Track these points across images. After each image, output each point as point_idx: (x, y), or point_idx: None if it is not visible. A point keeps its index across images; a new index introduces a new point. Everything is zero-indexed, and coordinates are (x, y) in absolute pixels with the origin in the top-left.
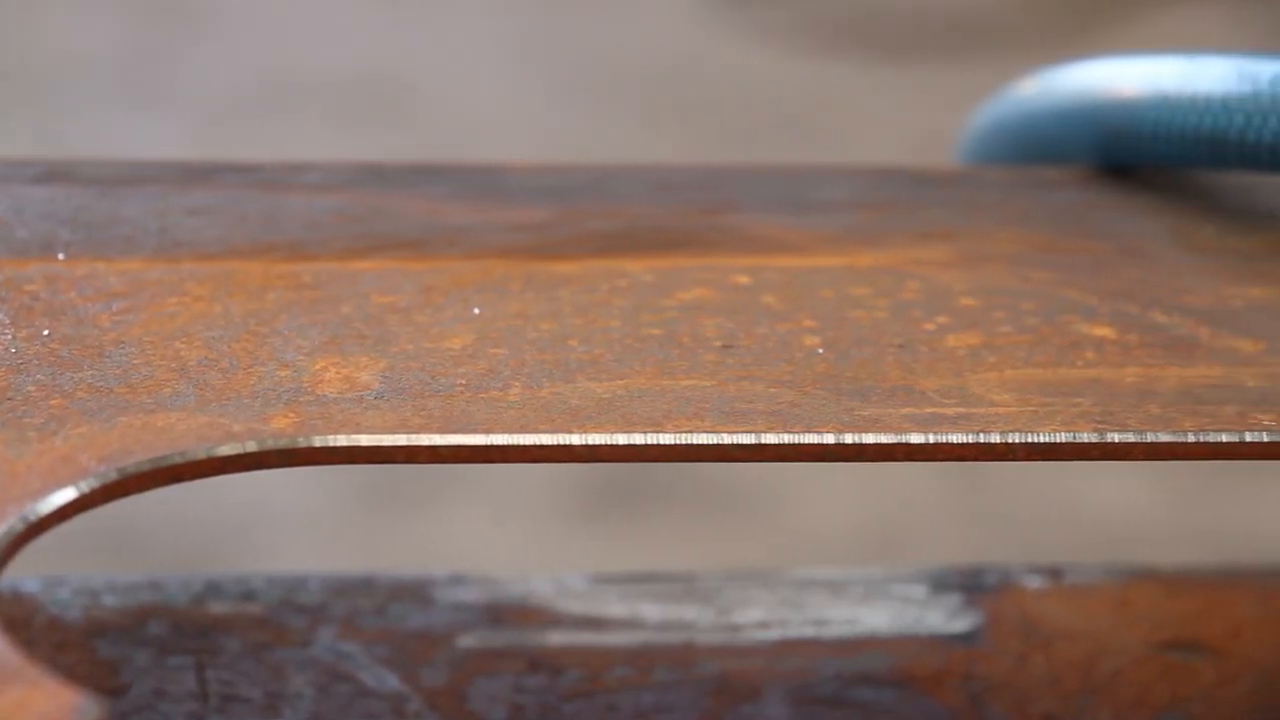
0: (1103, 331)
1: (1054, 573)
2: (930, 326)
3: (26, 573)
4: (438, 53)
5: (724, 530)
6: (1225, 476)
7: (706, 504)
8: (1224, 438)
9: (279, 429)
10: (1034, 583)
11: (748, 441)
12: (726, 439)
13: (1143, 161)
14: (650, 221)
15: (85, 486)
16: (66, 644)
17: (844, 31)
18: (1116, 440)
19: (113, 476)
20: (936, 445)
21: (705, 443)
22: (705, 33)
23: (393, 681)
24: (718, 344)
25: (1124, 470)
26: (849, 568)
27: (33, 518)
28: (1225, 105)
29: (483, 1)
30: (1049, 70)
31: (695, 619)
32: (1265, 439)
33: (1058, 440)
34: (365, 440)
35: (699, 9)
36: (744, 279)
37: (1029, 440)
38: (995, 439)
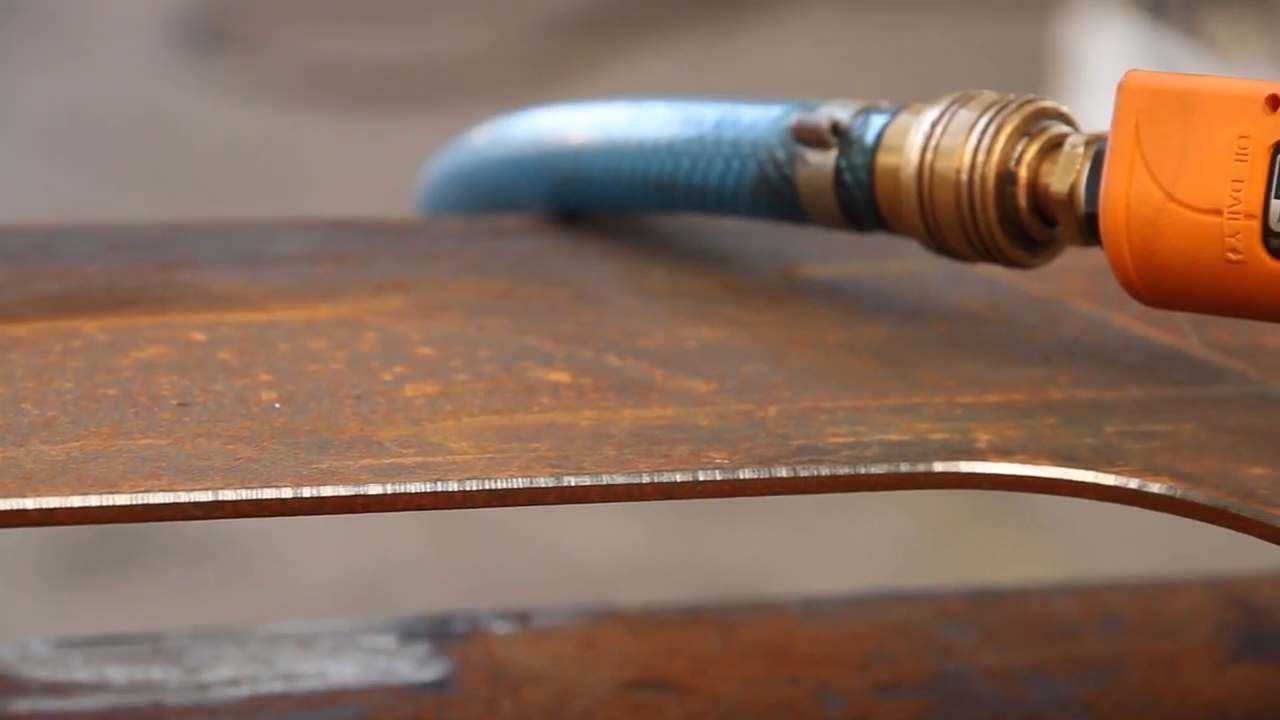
0: (558, 376)
1: (521, 617)
2: (388, 377)
3: None
4: None
5: (214, 586)
6: (703, 512)
7: (195, 560)
8: (678, 477)
9: None
10: (502, 628)
11: (205, 499)
12: (184, 497)
13: (594, 207)
14: (104, 281)
15: None
16: None
17: (312, 83)
18: (573, 484)
19: None
20: (395, 495)
21: (163, 502)
22: (173, 86)
23: None
24: (174, 402)
25: (612, 508)
26: (318, 621)
27: None
28: (672, 149)
29: None
30: (500, 119)
31: (163, 679)
32: (718, 477)
33: (515, 486)
34: None
35: (166, 62)
36: (200, 335)
37: (487, 487)
38: (453, 487)
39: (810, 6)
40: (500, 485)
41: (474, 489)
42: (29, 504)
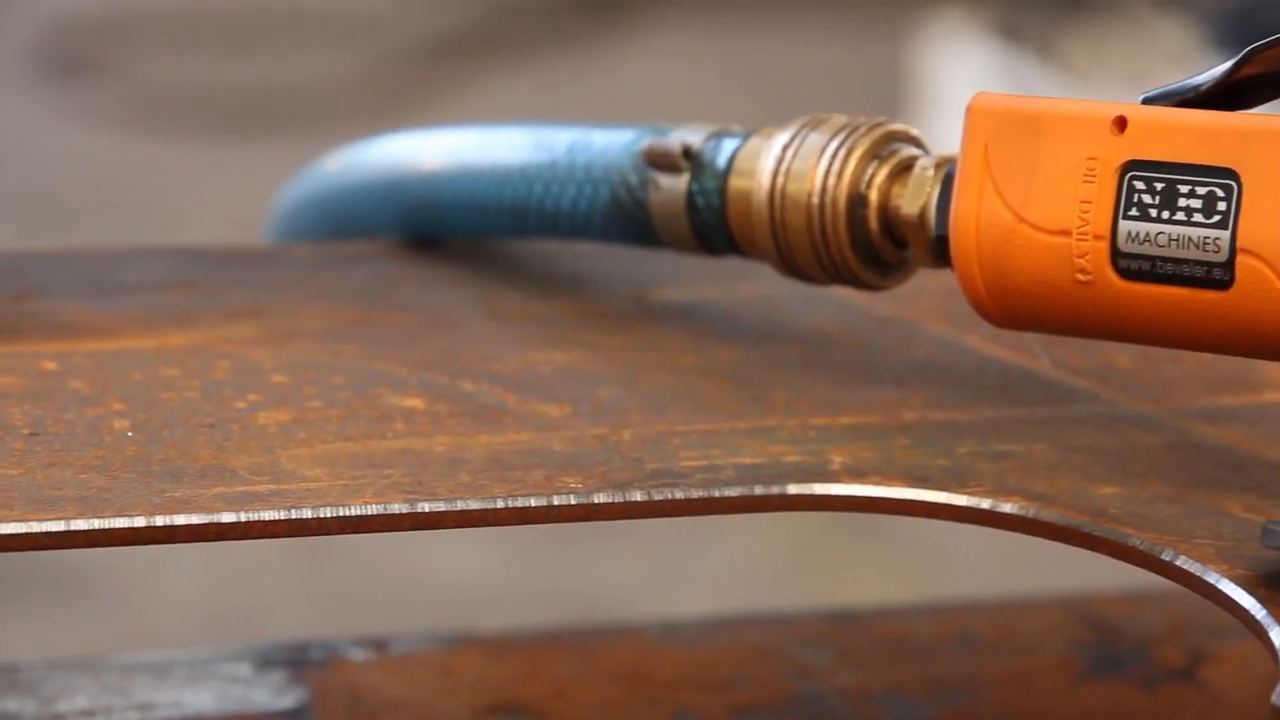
0: (412, 402)
1: (378, 644)
2: (241, 405)
3: None
4: None
5: (68, 616)
6: (561, 536)
7: (50, 590)
8: (533, 502)
9: None
10: (359, 655)
11: (57, 529)
12: (35, 527)
13: (448, 233)
14: None
15: None
16: None
17: (167, 110)
18: (427, 510)
19: None
20: (249, 523)
21: (14, 532)
22: (28, 113)
23: None
24: (25, 431)
25: (469, 534)
26: (173, 650)
27: None
28: (524, 174)
29: None
30: (353, 145)
31: (18, 711)
32: (572, 502)
33: (369, 513)
34: None
35: (21, 89)
36: (51, 365)
37: (341, 514)
38: (307, 514)
39: (668, 30)
40: (354, 512)
41: (328, 516)
42: None
